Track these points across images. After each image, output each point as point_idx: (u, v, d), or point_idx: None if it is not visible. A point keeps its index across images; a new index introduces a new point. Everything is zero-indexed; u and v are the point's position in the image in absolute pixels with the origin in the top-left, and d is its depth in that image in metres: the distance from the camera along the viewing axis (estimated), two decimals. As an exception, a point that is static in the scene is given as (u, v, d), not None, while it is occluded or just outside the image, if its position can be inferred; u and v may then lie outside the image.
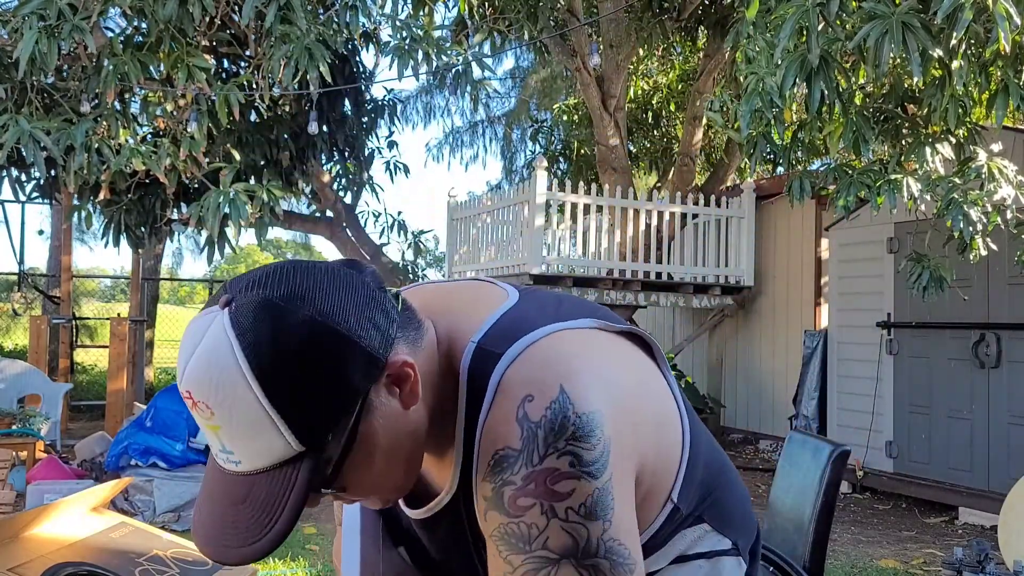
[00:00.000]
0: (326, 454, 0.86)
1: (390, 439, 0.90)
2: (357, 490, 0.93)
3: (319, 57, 5.08)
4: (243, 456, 0.85)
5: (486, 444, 0.91)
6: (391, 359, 0.88)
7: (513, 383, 0.91)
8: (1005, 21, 3.38)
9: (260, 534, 0.85)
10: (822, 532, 1.87)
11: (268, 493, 0.85)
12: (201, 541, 0.89)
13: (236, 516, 0.86)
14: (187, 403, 0.85)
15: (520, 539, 0.87)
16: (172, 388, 6.09)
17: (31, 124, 5.14)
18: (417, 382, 0.90)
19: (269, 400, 0.82)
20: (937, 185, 4.37)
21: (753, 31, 4.05)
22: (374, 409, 0.88)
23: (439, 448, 1.00)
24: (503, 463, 0.89)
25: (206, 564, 2.09)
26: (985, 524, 5.62)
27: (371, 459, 0.90)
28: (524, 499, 0.87)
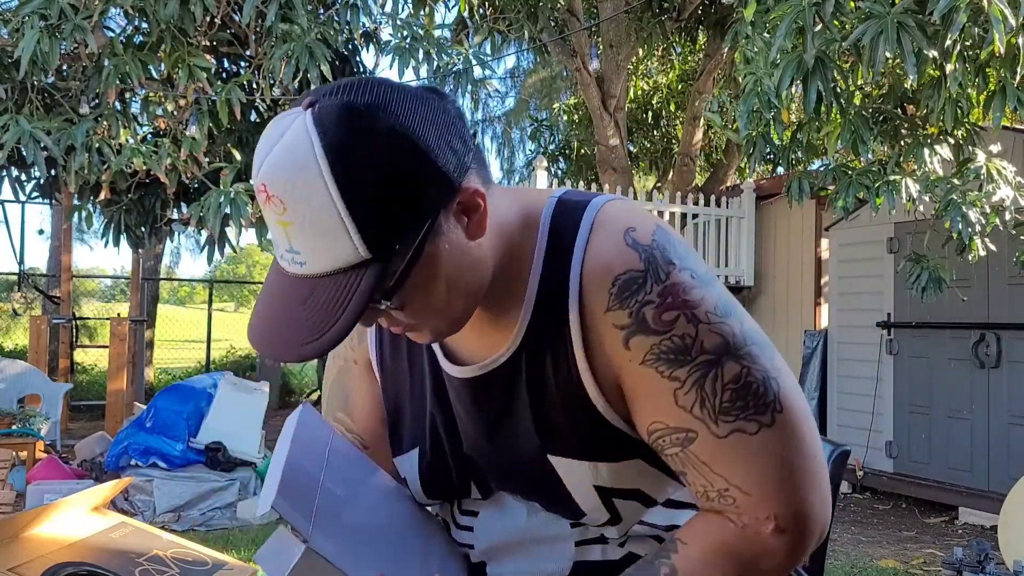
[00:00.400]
0: (391, 266, 0.85)
1: (453, 267, 0.90)
2: (414, 312, 0.91)
3: (320, 56, 5.08)
4: (309, 257, 0.84)
5: (598, 274, 0.93)
6: (464, 185, 0.89)
7: (611, 218, 0.95)
8: (1000, 23, 3.38)
9: (317, 335, 0.84)
10: (821, 532, 1.87)
11: (329, 297, 0.85)
12: (256, 339, 0.89)
13: (294, 316, 0.86)
14: (260, 197, 0.85)
15: (678, 352, 0.90)
16: (172, 388, 6.10)
17: (31, 124, 5.14)
18: (486, 214, 0.90)
19: (343, 202, 0.82)
20: (936, 186, 4.37)
21: (751, 31, 4.05)
22: (441, 233, 0.88)
23: (497, 307, 0.98)
24: (631, 285, 0.92)
25: (206, 564, 2.09)
26: (985, 524, 5.62)
27: (433, 283, 0.89)
28: (667, 314, 0.91)
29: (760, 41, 4.01)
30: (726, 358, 0.91)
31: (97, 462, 5.90)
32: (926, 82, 4.27)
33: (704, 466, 0.92)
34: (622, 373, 0.94)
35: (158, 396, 5.91)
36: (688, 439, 0.91)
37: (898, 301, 6.58)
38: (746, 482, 0.91)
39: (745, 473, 0.91)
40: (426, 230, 0.86)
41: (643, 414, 0.94)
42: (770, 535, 0.91)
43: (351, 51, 7.70)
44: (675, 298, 0.91)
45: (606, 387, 0.95)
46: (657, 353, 0.91)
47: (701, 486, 0.93)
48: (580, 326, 0.94)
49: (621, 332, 0.92)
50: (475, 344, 1.01)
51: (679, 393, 0.91)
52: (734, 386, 0.90)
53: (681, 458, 0.93)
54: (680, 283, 0.92)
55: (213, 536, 4.95)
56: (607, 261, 0.93)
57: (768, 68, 3.89)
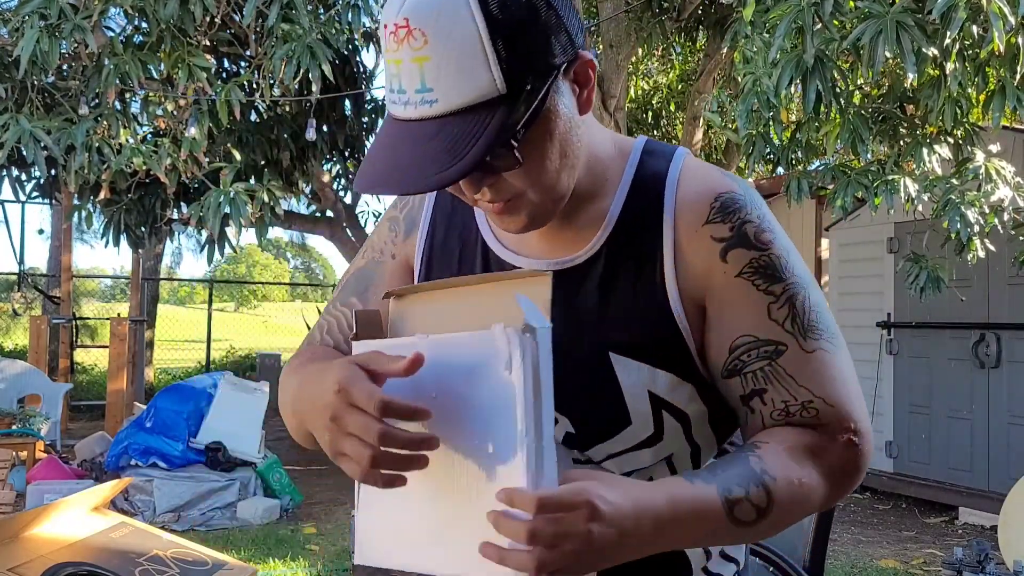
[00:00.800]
0: (520, 106, 0.87)
1: (565, 132, 0.93)
2: (526, 174, 0.92)
3: (321, 56, 5.08)
4: (442, 93, 0.86)
5: (699, 191, 1.00)
6: (581, 52, 0.93)
7: (696, 162, 1.05)
8: (1000, 20, 3.38)
9: (445, 167, 0.85)
10: (822, 532, 1.87)
11: (459, 132, 0.86)
12: (370, 182, 0.90)
13: (419, 154, 0.87)
14: (396, 35, 0.86)
15: (774, 269, 0.97)
16: (172, 388, 6.10)
17: (31, 123, 5.14)
18: (593, 90, 0.95)
19: (488, 32, 0.84)
20: (935, 186, 4.37)
21: (750, 31, 4.05)
22: (561, 92, 0.92)
23: (578, 210, 1.02)
24: (732, 205, 0.99)
25: (206, 564, 2.10)
26: (985, 524, 5.62)
27: (549, 142, 0.92)
28: (766, 235, 0.98)
29: (759, 41, 4.01)
30: (811, 286, 0.99)
31: (97, 462, 5.90)
32: (925, 81, 4.27)
33: (790, 379, 0.96)
34: (713, 285, 0.98)
35: (158, 396, 5.91)
36: (777, 351, 0.96)
37: (898, 301, 6.58)
38: (830, 394, 0.96)
39: (829, 386, 0.96)
40: (552, 80, 0.89)
41: (730, 327, 0.98)
42: (847, 444, 0.96)
43: (352, 51, 7.70)
44: (771, 224, 1.00)
45: (685, 299, 0.98)
46: (756, 267, 0.97)
47: (783, 401, 0.96)
48: (673, 238, 0.99)
49: (719, 244, 0.97)
50: (545, 246, 1.04)
51: (773, 307, 0.96)
52: (817, 311, 0.98)
53: (766, 372, 0.96)
54: (768, 214, 1.01)
55: (213, 536, 4.96)
56: (709, 182, 1.01)
57: (767, 68, 3.89)
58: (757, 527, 0.89)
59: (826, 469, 0.94)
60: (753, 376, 0.97)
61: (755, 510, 0.89)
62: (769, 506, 0.89)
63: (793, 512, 0.93)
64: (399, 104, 0.89)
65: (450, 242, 1.10)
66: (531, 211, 0.96)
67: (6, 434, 5.83)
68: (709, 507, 0.87)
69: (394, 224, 1.17)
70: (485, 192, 0.94)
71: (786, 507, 0.91)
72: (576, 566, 0.78)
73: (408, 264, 1.15)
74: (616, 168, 1.03)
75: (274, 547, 4.84)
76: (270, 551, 4.75)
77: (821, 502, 0.95)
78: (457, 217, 1.11)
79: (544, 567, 0.76)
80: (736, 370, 0.98)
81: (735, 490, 0.88)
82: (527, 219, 0.97)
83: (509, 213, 0.96)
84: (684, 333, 0.98)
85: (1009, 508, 4.13)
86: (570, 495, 0.77)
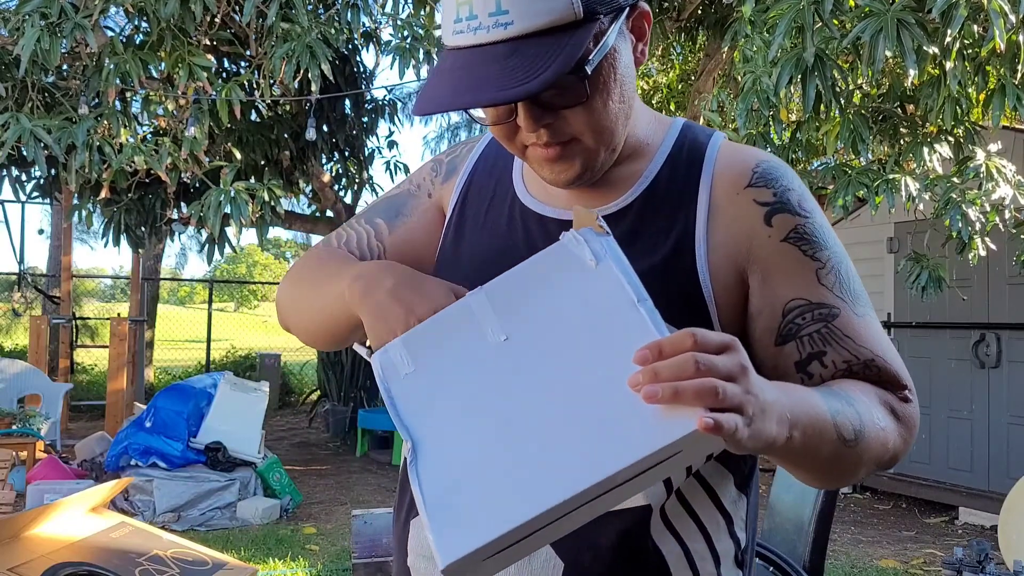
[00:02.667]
0: (592, 35, 0.88)
1: (624, 77, 0.95)
2: (587, 115, 0.93)
3: (321, 56, 5.08)
4: (518, 15, 0.86)
5: (740, 158, 1.01)
6: (641, 3, 0.96)
7: (735, 143, 1.06)
8: (1000, 19, 3.38)
9: (524, 81, 0.85)
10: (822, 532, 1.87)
11: (535, 52, 0.86)
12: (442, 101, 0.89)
13: (492, 72, 0.86)
14: None
15: (818, 237, 0.98)
16: (172, 388, 6.10)
17: (32, 122, 5.14)
18: (648, 44, 0.97)
19: None
20: (935, 185, 4.37)
21: (750, 30, 4.05)
22: (623, 37, 0.94)
23: (614, 171, 1.02)
24: (774, 172, 1.00)
25: (206, 564, 2.09)
26: (985, 524, 5.62)
27: (612, 79, 0.93)
28: (806, 203, 0.99)
29: (759, 40, 4.00)
30: (848, 259, 1.00)
31: (97, 462, 5.90)
32: (925, 80, 4.27)
33: (849, 339, 0.95)
34: (756, 249, 0.97)
35: (158, 396, 5.91)
36: (832, 315, 0.96)
37: (898, 301, 6.58)
38: (885, 355, 0.96)
39: (885, 348, 0.97)
40: (621, 18, 0.92)
41: (780, 291, 0.97)
42: (905, 400, 0.97)
43: (351, 51, 7.70)
44: (809, 196, 1.01)
45: (714, 260, 0.97)
46: (801, 233, 0.97)
47: (844, 361, 0.95)
48: (708, 199, 0.99)
49: (763, 208, 0.97)
50: (574, 199, 1.03)
51: (822, 273, 0.96)
52: (857, 280, 0.99)
53: (823, 335, 0.96)
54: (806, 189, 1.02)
55: (213, 536, 4.96)
56: (749, 152, 1.03)
57: (767, 67, 3.89)
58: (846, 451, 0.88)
59: (896, 418, 0.95)
60: (810, 339, 0.96)
61: (853, 432, 0.88)
62: (862, 431, 0.88)
63: (874, 451, 0.91)
64: (467, 32, 0.88)
65: (484, 191, 1.11)
66: (585, 159, 0.96)
67: (6, 434, 5.83)
68: (825, 420, 0.85)
69: (437, 165, 1.18)
70: (542, 134, 0.93)
71: (870, 443, 0.90)
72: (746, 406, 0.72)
73: (441, 207, 1.15)
74: (656, 136, 1.05)
75: (274, 547, 4.84)
76: (270, 551, 4.75)
77: (893, 451, 0.94)
78: (496, 171, 1.12)
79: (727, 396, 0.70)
80: (791, 334, 0.96)
81: (840, 414, 0.87)
82: (580, 167, 0.96)
83: (563, 159, 0.96)
84: (706, 295, 0.96)
85: (1009, 508, 4.13)
86: (718, 336, 0.74)
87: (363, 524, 3.42)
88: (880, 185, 4.22)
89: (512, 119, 0.94)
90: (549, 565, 0.95)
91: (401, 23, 5.54)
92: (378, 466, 7.53)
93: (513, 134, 0.95)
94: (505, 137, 0.97)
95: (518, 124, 0.94)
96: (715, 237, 0.97)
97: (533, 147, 0.96)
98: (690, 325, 0.92)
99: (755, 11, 3.96)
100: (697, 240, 0.97)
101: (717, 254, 0.97)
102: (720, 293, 0.96)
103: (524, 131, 0.94)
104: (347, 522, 5.12)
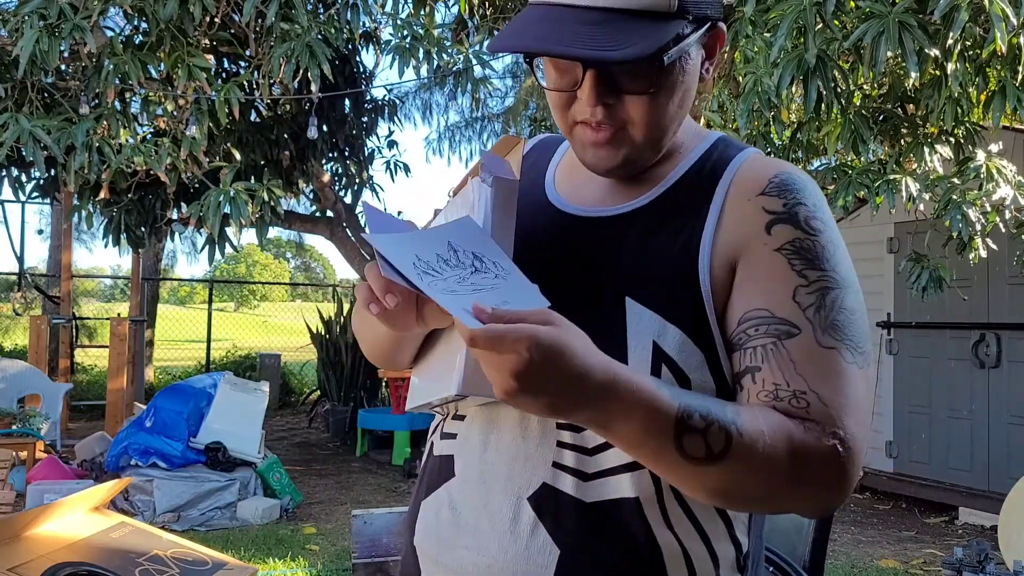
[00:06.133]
0: (678, 33, 0.91)
1: (690, 86, 0.97)
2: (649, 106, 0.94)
3: (320, 56, 5.08)
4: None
5: (761, 169, 1.01)
6: (720, 23, 0.98)
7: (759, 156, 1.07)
8: (1002, 21, 3.38)
9: (620, 47, 0.87)
10: (822, 532, 1.87)
11: (625, 27, 0.88)
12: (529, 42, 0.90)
13: (581, 31, 0.88)
14: None
15: (815, 256, 0.94)
16: (172, 388, 6.10)
17: (31, 123, 5.14)
18: (715, 65, 1.00)
19: None
20: (935, 185, 4.37)
21: (751, 30, 4.05)
22: (698, 47, 0.96)
23: (640, 176, 1.04)
24: (791, 185, 0.98)
25: (206, 564, 2.09)
26: (985, 524, 5.62)
27: (679, 83, 0.95)
28: (816, 222, 0.96)
29: (760, 40, 4.00)
30: (850, 289, 0.94)
31: (97, 462, 5.90)
32: (926, 81, 4.27)
33: (790, 363, 0.89)
34: (748, 253, 0.96)
35: (158, 396, 5.91)
36: (788, 333, 0.90)
37: (898, 301, 6.58)
38: (827, 394, 0.88)
39: (830, 386, 0.89)
40: (702, 30, 0.94)
41: (750, 297, 0.94)
42: (831, 451, 0.87)
43: (351, 51, 7.70)
44: (823, 215, 0.97)
45: (716, 264, 0.96)
46: (797, 247, 0.94)
47: (773, 384, 0.89)
48: (721, 204, 0.99)
49: (768, 216, 0.96)
50: (599, 197, 1.05)
51: (801, 290, 0.92)
52: (848, 315, 0.92)
53: (768, 350, 0.91)
54: (824, 207, 1.00)
55: (213, 536, 4.96)
56: (775, 163, 1.02)
57: (768, 67, 3.89)
58: (700, 469, 0.84)
59: (801, 463, 0.85)
60: (752, 352, 0.92)
61: (706, 449, 0.83)
62: (722, 455, 0.83)
63: (744, 484, 0.85)
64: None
65: (521, 183, 1.13)
66: (630, 151, 0.97)
67: (6, 434, 5.83)
68: (662, 414, 0.82)
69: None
70: (598, 111, 0.94)
71: (740, 472, 0.84)
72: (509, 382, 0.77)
73: None
74: (691, 144, 1.06)
75: (274, 547, 4.84)
76: (270, 551, 4.75)
77: (781, 495, 0.87)
78: (532, 173, 1.14)
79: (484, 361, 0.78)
80: (739, 344, 0.93)
81: (695, 418, 0.83)
82: (623, 158, 0.98)
83: (611, 144, 0.97)
84: (704, 295, 0.95)
85: (1009, 508, 4.13)
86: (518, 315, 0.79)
87: (363, 524, 3.42)
88: (880, 185, 4.23)
89: (575, 89, 0.94)
90: (545, 552, 0.96)
91: (401, 23, 5.54)
92: (378, 466, 7.53)
93: (568, 105, 0.97)
94: (561, 107, 0.98)
95: (577, 96, 0.95)
96: (720, 238, 0.97)
97: (583, 126, 0.97)
98: (692, 326, 0.95)
99: (756, 11, 3.96)
100: (703, 242, 0.97)
101: (719, 257, 0.96)
102: (719, 294, 0.96)
103: (582, 103, 0.95)
104: (347, 522, 5.12)
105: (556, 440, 0.98)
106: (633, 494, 0.96)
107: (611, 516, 0.96)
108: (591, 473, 0.96)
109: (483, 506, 1.00)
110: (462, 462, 1.04)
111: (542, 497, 0.97)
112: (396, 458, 7.43)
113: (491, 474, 1.01)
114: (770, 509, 0.94)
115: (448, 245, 0.89)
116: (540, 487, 0.97)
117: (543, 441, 0.98)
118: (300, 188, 8.51)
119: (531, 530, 0.97)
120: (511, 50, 0.91)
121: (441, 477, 1.06)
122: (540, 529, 0.96)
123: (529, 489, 0.98)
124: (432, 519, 1.05)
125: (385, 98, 8.96)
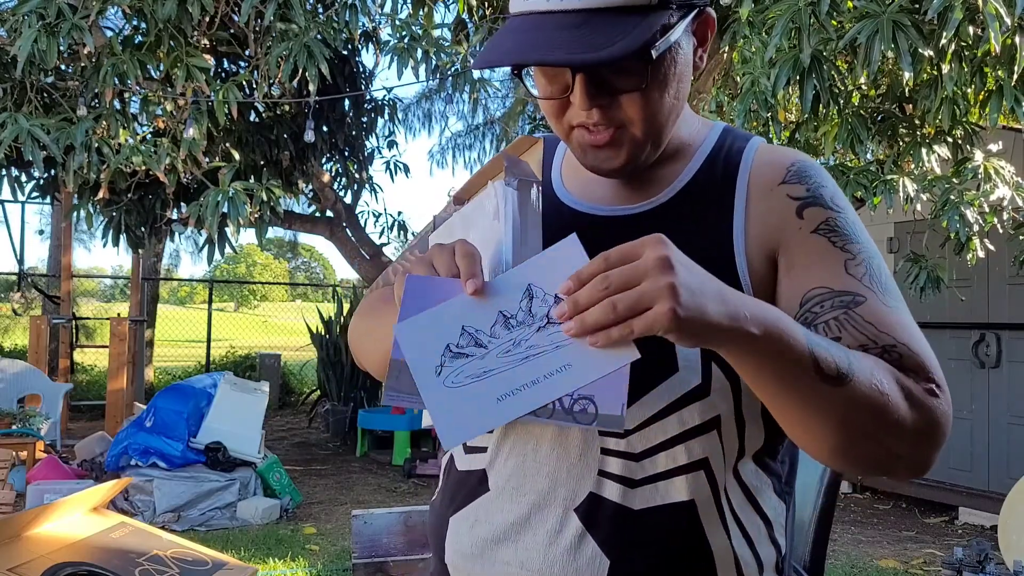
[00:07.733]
0: (659, 26, 0.89)
1: (683, 74, 0.96)
2: (643, 102, 0.93)
3: (319, 56, 5.08)
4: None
5: (777, 157, 1.02)
6: (708, 9, 0.97)
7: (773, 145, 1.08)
8: (995, 21, 3.38)
9: (599, 48, 0.85)
10: (822, 532, 1.87)
11: (604, 26, 0.86)
12: (508, 56, 0.88)
13: (560, 37, 0.87)
14: None
15: (850, 231, 0.97)
16: (172, 388, 6.10)
17: (30, 123, 5.14)
18: (707, 51, 0.99)
19: None
20: (933, 185, 4.37)
21: (748, 31, 4.05)
22: (688, 36, 0.96)
23: (655, 166, 1.03)
24: (808, 171, 1.01)
25: (206, 564, 2.10)
26: (985, 524, 5.62)
27: (672, 73, 0.94)
28: (840, 200, 1.00)
29: (757, 41, 4.01)
30: (879, 256, 0.98)
31: (97, 462, 5.90)
32: (923, 81, 4.27)
33: (870, 325, 0.91)
34: (786, 240, 0.97)
35: (158, 396, 5.91)
36: (855, 302, 0.92)
37: (897, 300, 6.57)
38: (912, 343, 0.90)
39: (911, 336, 0.91)
40: (689, 17, 0.93)
41: (804, 280, 0.94)
42: (930, 392, 0.88)
43: (350, 51, 7.70)
44: (841, 195, 1.01)
45: (752, 257, 0.97)
46: (832, 226, 0.96)
47: (860, 345, 0.89)
48: (745, 198, 0.99)
49: (795, 202, 0.98)
50: (612, 196, 1.04)
51: (850, 263, 0.94)
52: (890, 279, 0.96)
53: (842, 320, 0.91)
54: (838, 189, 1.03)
55: (213, 536, 4.96)
56: (786, 151, 1.04)
57: (765, 68, 3.89)
58: (830, 390, 0.81)
59: (909, 400, 0.85)
60: (826, 326, 0.91)
61: (836, 366, 0.81)
62: (847, 376, 0.82)
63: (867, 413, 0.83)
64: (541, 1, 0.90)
65: None
66: (631, 149, 0.96)
67: (6, 434, 5.83)
68: (793, 324, 0.81)
69: None
70: (593, 114, 0.93)
71: (863, 399, 0.82)
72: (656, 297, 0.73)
73: None
74: (698, 137, 1.06)
75: (274, 547, 4.84)
76: (270, 551, 4.75)
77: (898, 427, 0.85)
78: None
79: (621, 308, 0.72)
80: (807, 323, 0.92)
81: (815, 337, 0.83)
82: (626, 157, 0.96)
83: (611, 146, 0.95)
84: (744, 288, 0.95)
85: (1009, 508, 4.13)
86: (627, 245, 0.76)
87: (363, 524, 3.42)
88: (878, 186, 4.23)
89: (566, 95, 0.93)
90: (595, 563, 0.94)
91: (400, 23, 5.54)
92: (378, 466, 7.54)
93: (563, 111, 0.95)
94: (555, 114, 0.96)
95: (571, 101, 0.93)
96: (751, 231, 0.98)
97: (580, 129, 0.96)
98: None
99: (753, 12, 3.97)
100: (735, 235, 0.97)
101: (752, 248, 0.97)
102: (757, 286, 0.96)
103: (576, 108, 0.94)
104: (347, 522, 5.12)
105: (600, 447, 0.96)
106: (688, 496, 0.95)
107: (661, 522, 0.95)
108: (639, 479, 0.95)
109: (524, 519, 0.98)
110: (497, 476, 1.02)
111: (589, 507, 0.96)
112: (396, 458, 7.43)
113: (531, 487, 0.99)
114: (883, 454, 0.87)
115: (527, 291, 0.79)
116: (587, 497, 0.96)
117: (586, 450, 0.97)
118: (300, 188, 8.51)
119: (578, 541, 0.95)
120: (494, 65, 0.90)
121: (471, 492, 1.04)
122: (588, 539, 0.95)
123: (575, 500, 0.96)
124: (465, 535, 1.02)
125: (385, 98, 8.96)
